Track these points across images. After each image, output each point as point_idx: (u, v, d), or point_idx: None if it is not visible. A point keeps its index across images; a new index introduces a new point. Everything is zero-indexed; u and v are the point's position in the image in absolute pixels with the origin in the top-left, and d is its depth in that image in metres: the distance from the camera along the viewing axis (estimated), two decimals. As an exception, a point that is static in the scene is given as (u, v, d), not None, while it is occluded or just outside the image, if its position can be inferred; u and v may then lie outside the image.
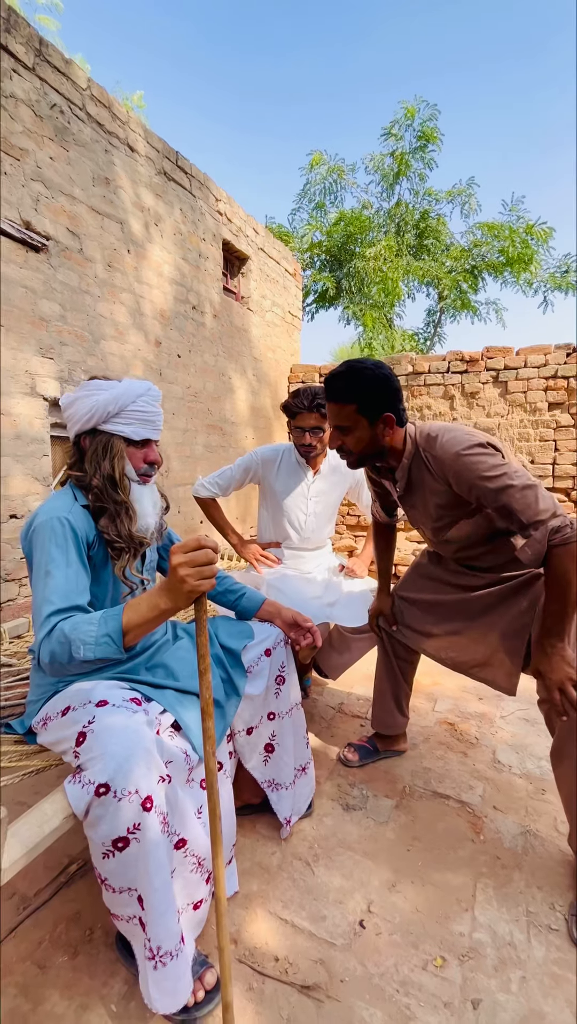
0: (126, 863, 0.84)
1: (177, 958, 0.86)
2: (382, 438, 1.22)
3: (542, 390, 3.61)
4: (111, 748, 0.84)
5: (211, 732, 0.80)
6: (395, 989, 0.98)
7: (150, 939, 0.85)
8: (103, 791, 0.82)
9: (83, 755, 0.86)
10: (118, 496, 1.05)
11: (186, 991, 0.88)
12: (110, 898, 0.88)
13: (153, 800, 0.84)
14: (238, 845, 1.30)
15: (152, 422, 1.09)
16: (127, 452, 1.08)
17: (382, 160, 8.59)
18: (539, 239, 8.02)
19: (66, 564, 0.96)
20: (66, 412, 1.08)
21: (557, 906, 1.16)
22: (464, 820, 1.43)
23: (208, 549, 0.80)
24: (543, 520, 1.08)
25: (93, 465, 1.05)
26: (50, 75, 2.29)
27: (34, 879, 1.21)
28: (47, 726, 1.01)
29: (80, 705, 0.97)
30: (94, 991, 0.97)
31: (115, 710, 0.93)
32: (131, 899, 0.86)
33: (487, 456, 1.12)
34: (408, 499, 1.34)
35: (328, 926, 1.11)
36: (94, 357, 2.64)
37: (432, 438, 1.20)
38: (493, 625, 1.33)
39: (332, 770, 1.64)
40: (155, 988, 0.85)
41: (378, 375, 1.17)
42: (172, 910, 0.86)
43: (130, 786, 0.82)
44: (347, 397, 1.17)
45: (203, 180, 3.47)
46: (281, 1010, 0.95)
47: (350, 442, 1.23)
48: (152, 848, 0.84)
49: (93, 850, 0.86)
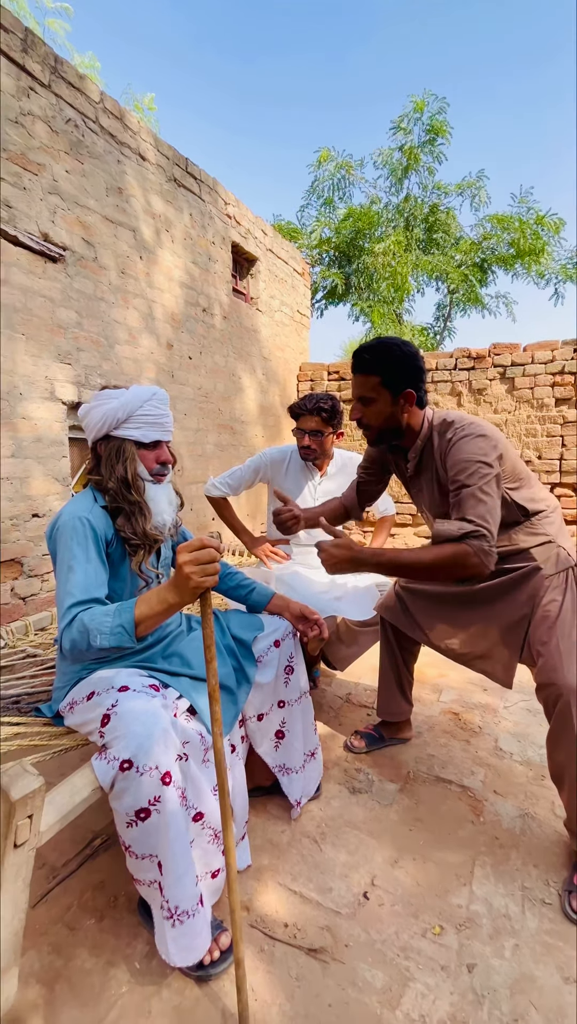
0: (147, 832, 0.93)
1: (193, 917, 0.95)
2: (401, 414, 1.28)
3: (549, 386, 3.62)
4: (133, 728, 0.93)
5: (218, 715, 0.88)
6: (396, 953, 1.06)
7: (168, 900, 0.94)
8: (127, 766, 0.91)
9: (108, 735, 0.96)
10: (132, 496, 1.13)
11: (202, 948, 0.97)
12: (133, 864, 0.97)
13: (172, 775, 0.93)
14: (250, 823, 1.39)
15: (161, 424, 1.16)
16: (139, 454, 1.16)
17: (391, 155, 8.57)
18: (550, 230, 7.94)
19: (86, 560, 1.05)
20: (83, 422, 1.18)
21: (552, 882, 1.23)
22: (465, 803, 1.50)
23: (211, 548, 0.88)
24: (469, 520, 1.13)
25: (108, 469, 1.14)
26: (65, 91, 2.38)
27: (62, 851, 1.31)
28: (74, 709, 1.10)
29: (104, 690, 1.06)
30: (119, 950, 1.06)
31: (135, 695, 1.02)
32: (152, 864, 0.95)
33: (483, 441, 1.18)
34: (416, 481, 1.40)
35: (334, 897, 1.19)
36: (109, 361, 2.73)
37: (448, 422, 1.26)
38: (493, 618, 1.39)
39: (340, 756, 1.71)
40: (172, 944, 0.94)
41: (405, 351, 1.23)
42: (190, 874, 0.95)
43: (151, 762, 0.91)
44: (373, 368, 1.24)
45: (212, 184, 3.54)
46: (290, 970, 1.03)
47: (370, 414, 1.28)
48: (171, 818, 0.92)
49: (118, 820, 0.95)
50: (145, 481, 1.17)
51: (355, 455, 2.09)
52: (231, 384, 3.90)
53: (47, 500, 2.40)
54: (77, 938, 1.09)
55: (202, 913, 0.97)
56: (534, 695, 2.09)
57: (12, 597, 2.28)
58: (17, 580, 2.30)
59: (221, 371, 3.76)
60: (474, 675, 2.30)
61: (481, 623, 1.42)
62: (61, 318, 2.43)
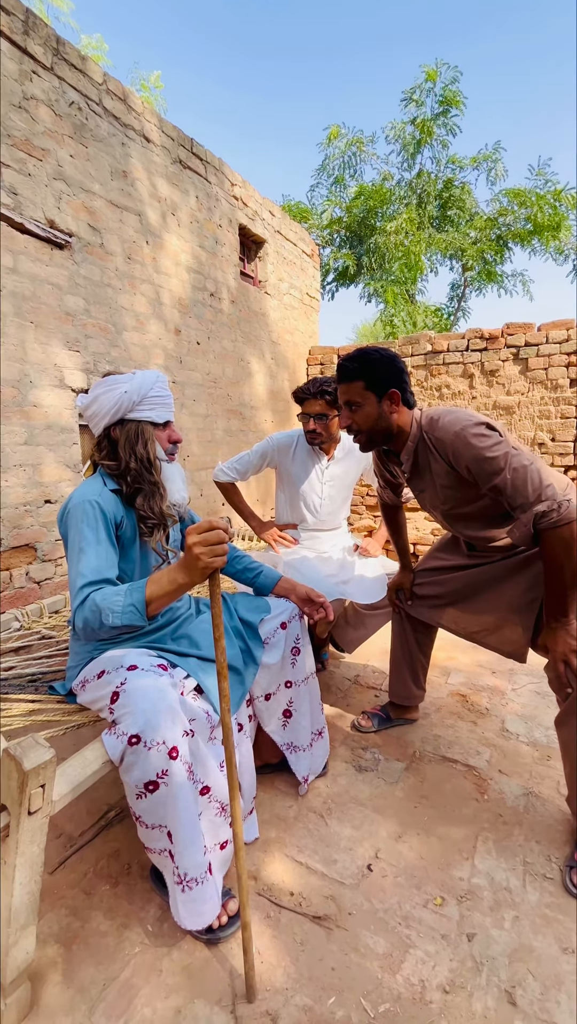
0: (156, 803, 0.97)
1: (203, 884, 1.00)
2: (389, 415, 1.29)
3: (564, 366, 3.54)
4: (141, 705, 0.96)
5: (226, 692, 0.91)
6: (397, 922, 1.10)
7: (178, 867, 0.98)
8: (135, 741, 0.94)
9: (117, 711, 0.99)
10: (152, 477, 1.17)
11: (211, 913, 1.01)
12: (144, 833, 1.02)
13: (179, 750, 0.97)
14: (258, 799, 1.43)
15: (168, 404, 1.21)
16: (155, 435, 1.20)
17: (403, 128, 8.30)
18: (569, 204, 7.66)
19: (96, 542, 1.08)
20: (89, 410, 1.19)
21: (553, 858, 1.25)
22: (470, 782, 1.52)
23: (220, 530, 0.90)
24: (530, 503, 1.13)
25: (127, 451, 1.16)
26: (67, 73, 2.36)
27: (79, 822, 1.36)
28: (85, 687, 1.14)
29: (113, 669, 1.09)
30: (132, 914, 1.12)
31: (144, 673, 1.05)
32: (161, 834, 1.00)
33: (484, 436, 1.17)
34: (416, 483, 1.40)
35: (339, 868, 1.22)
36: (117, 348, 2.74)
37: (434, 420, 1.27)
38: (502, 597, 1.40)
39: (347, 735, 1.75)
40: (184, 908, 0.99)
41: (384, 355, 1.27)
42: (198, 843, 0.99)
43: (158, 737, 0.95)
44: (355, 374, 1.28)
45: (218, 165, 3.48)
46: (295, 935, 1.07)
47: (359, 419, 1.30)
48: (178, 791, 0.96)
49: (128, 792, 0.99)
50: (161, 461, 1.21)
51: None
52: (240, 369, 3.89)
53: (59, 486, 2.45)
54: (93, 902, 1.15)
55: (211, 881, 1.01)
56: (542, 679, 2.10)
57: (27, 581, 2.34)
58: (32, 565, 2.36)
59: (230, 356, 3.75)
60: (483, 658, 2.31)
61: (490, 601, 1.43)
62: (69, 305, 2.44)
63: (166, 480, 1.20)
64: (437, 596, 1.57)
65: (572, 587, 1.17)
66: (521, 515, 1.14)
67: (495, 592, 1.41)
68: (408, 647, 1.71)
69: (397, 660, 1.75)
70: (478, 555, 1.47)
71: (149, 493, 1.17)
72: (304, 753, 1.44)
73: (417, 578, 1.63)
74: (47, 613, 1.73)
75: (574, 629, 1.20)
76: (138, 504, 1.16)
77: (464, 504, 1.33)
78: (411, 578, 1.64)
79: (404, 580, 1.65)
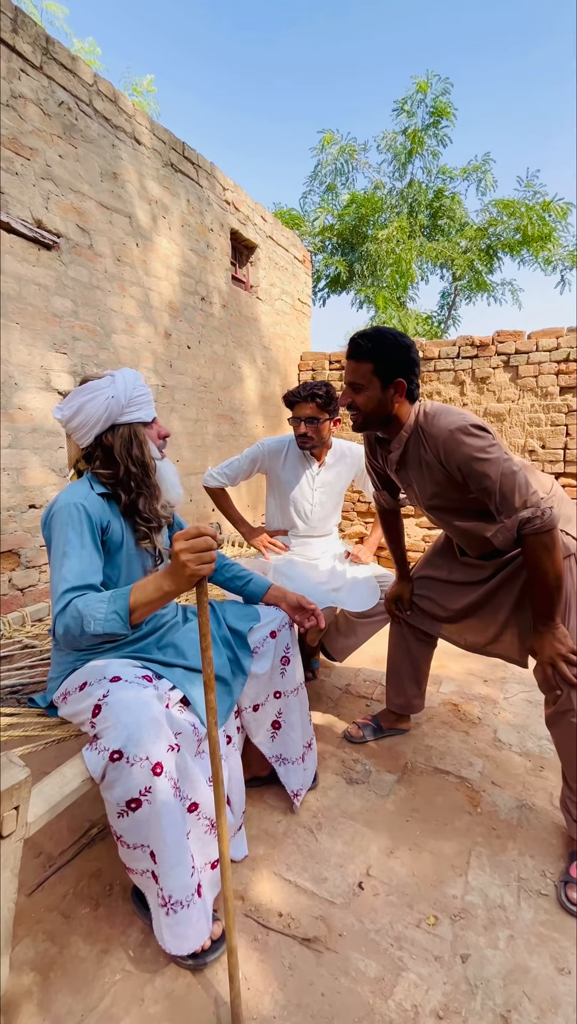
0: (139, 822, 0.92)
1: (189, 908, 0.95)
2: (391, 404, 1.27)
3: (554, 374, 3.56)
4: (123, 719, 0.92)
5: (212, 704, 0.87)
6: (389, 943, 1.06)
7: (162, 888, 0.94)
8: (116, 756, 0.90)
9: (98, 725, 0.95)
10: (151, 480, 1.15)
11: (197, 938, 0.97)
12: (126, 854, 0.97)
13: (163, 766, 0.92)
14: (247, 813, 1.39)
15: (150, 401, 1.18)
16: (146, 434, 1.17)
17: (394, 138, 8.39)
18: (557, 216, 7.78)
19: (81, 547, 1.04)
20: (75, 421, 1.12)
21: (548, 873, 1.22)
22: (463, 794, 1.49)
23: (207, 536, 0.87)
24: (516, 509, 1.13)
25: (124, 457, 1.12)
26: (57, 73, 2.33)
27: (59, 840, 1.31)
28: (66, 700, 1.09)
29: (96, 681, 1.05)
30: (113, 938, 1.07)
31: (127, 685, 1.01)
32: (144, 855, 0.95)
33: (479, 437, 1.16)
34: (404, 475, 1.38)
35: (329, 887, 1.18)
36: (106, 351, 2.70)
37: (430, 415, 1.26)
38: (499, 606, 1.39)
39: (338, 746, 1.71)
40: (168, 932, 0.95)
41: (400, 342, 1.23)
42: (185, 864, 0.95)
43: (141, 752, 0.90)
44: (366, 355, 1.24)
45: (210, 169, 3.47)
46: (283, 959, 1.03)
47: (360, 400, 1.28)
48: (163, 808, 0.92)
49: (109, 810, 0.94)
50: (156, 460, 1.18)
51: (355, 445, 2.07)
52: (231, 373, 3.86)
53: (44, 491, 2.39)
54: (72, 926, 1.10)
55: (198, 904, 0.97)
56: (534, 687, 2.09)
57: (10, 588, 2.28)
58: (15, 571, 2.30)
59: (220, 360, 3.73)
60: (474, 666, 2.29)
61: (490, 612, 1.41)
62: (56, 307, 2.40)
63: (160, 479, 1.18)
64: (434, 605, 1.55)
65: (556, 591, 1.17)
66: (506, 520, 1.14)
67: (491, 605, 1.41)
68: (410, 655, 1.67)
69: (397, 669, 1.70)
70: (472, 567, 1.45)
71: (149, 496, 1.15)
72: (294, 766, 1.40)
73: (416, 588, 1.60)
74: (30, 621, 1.68)
75: (561, 633, 1.20)
76: (141, 507, 1.14)
77: (448, 500, 1.31)
78: (410, 588, 1.61)
79: (403, 591, 1.62)
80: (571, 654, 1.17)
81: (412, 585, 1.62)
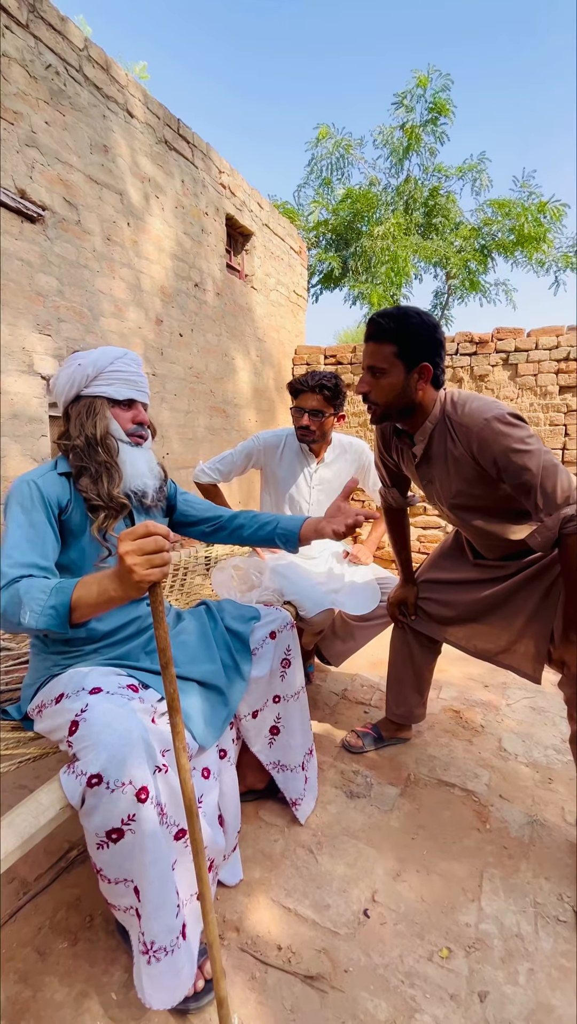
0: (121, 854, 0.81)
1: (173, 954, 0.84)
2: (414, 391, 1.15)
3: (553, 373, 3.51)
4: (104, 738, 0.81)
5: (179, 728, 0.77)
6: (400, 980, 0.97)
7: (144, 933, 0.83)
8: (95, 782, 0.79)
9: (76, 744, 0.83)
10: (100, 456, 1.04)
11: (183, 987, 0.86)
12: (107, 888, 0.86)
13: (148, 791, 0.81)
14: (242, 832, 1.28)
15: (134, 382, 1.09)
16: (112, 412, 1.07)
17: (392, 133, 8.29)
18: (552, 217, 7.78)
19: (29, 524, 0.95)
20: (56, 391, 1.09)
21: (565, 897, 1.14)
22: (470, 809, 1.40)
23: (157, 536, 0.73)
24: (558, 506, 1.04)
25: (77, 427, 1.05)
26: (44, 33, 2.18)
27: (35, 864, 1.19)
28: (42, 713, 0.98)
29: (74, 692, 0.93)
30: (94, 979, 0.96)
31: (109, 698, 0.89)
32: (127, 890, 0.84)
33: (517, 428, 1.06)
34: (426, 471, 1.27)
35: (332, 915, 1.09)
36: (93, 334, 2.56)
37: (460, 403, 1.14)
38: (516, 611, 1.30)
39: (336, 756, 1.61)
40: (148, 982, 0.83)
41: (426, 321, 1.12)
42: (169, 904, 0.84)
43: (124, 777, 0.79)
44: (388, 336, 1.11)
45: (205, 150, 3.33)
46: (284, 1000, 0.93)
47: (380, 388, 1.15)
48: (148, 840, 0.81)
49: (88, 840, 0.83)
50: (120, 442, 1.07)
51: (355, 440, 1.97)
52: (224, 364, 3.73)
53: (26, 481, 2.25)
54: (47, 965, 0.98)
55: (183, 947, 0.86)
56: (536, 693, 2.02)
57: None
58: (-7, 566, 2.15)
59: (213, 350, 3.60)
60: (474, 670, 2.22)
61: (504, 618, 1.32)
62: (40, 285, 2.26)
63: (124, 463, 1.06)
64: (442, 609, 1.45)
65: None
66: (546, 518, 1.04)
67: (507, 608, 1.31)
68: (413, 662, 1.58)
69: (398, 676, 1.62)
70: (486, 567, 1.36)
71: (95, 474, 1.03)
72: (294, 774, 1.31)
73: (421, 591, 1.51)
74: (5, 621, 1.54)
75: None
76: (82, 484, 1.02)
77: (475, 498, 1.20)
78: (415, 592, 1.52)
79: (407, 594, 1.53)
80: None
81: (417, 589, 1.52)
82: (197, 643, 1.17)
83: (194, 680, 1.09)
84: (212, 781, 1.03)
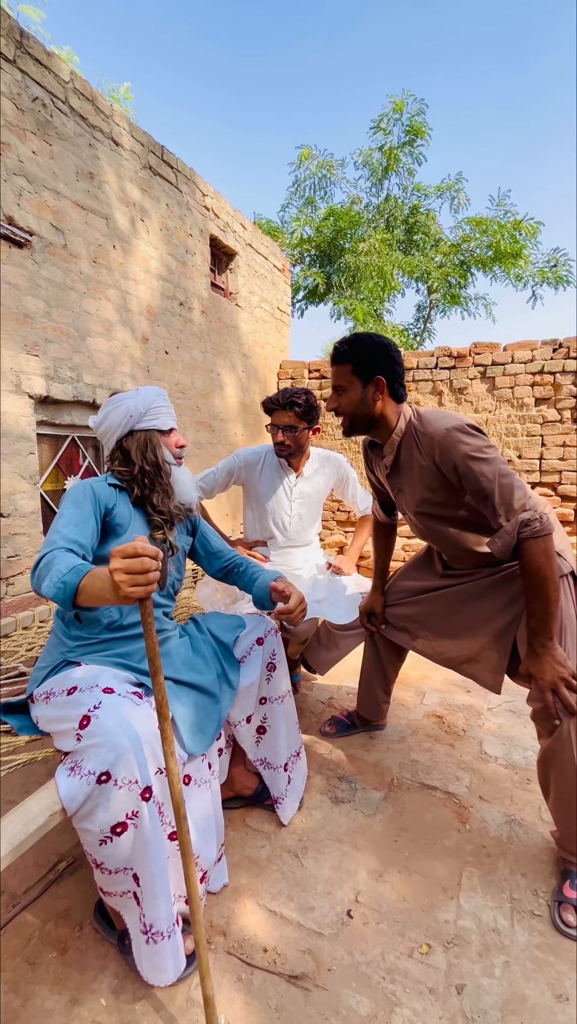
0: (123, 846, 0.87)
1: (169, 939, 0.90)
2: (373, 403, 1.26)
3: (529, 385, 3.64)
4: (115, 738, 0.86)
5: (168, 733, 0.83)
6: (381, 976, 1.00)
7: (145, 915, 0.89)
8: (105, 779, 0.84)
9: (85, 739, 0.88)
10: (163, 480, 1.23)
11: (173, 970, 0.92)
12: (104, 879, 0.90)
13: (152, 790, 0.87)
14: (228, 838, 1.31)
15: (170, 413, 1.28)
16: (162, 441, 1.25)
17: (371, 155, 8.57)
18: (527, 234, 8.05)
19: (78, 512, 1.09)
20: (102, 427, 1.25)
21: (540, 892, 1.19)
22: (450, 810, 1.45)
23: (145, 558, 0.76)
24: (515, 511, 1.10)
25: (139, 457, 1.22)
26: (32, 68, 2.26)
27: (24, 876, 1.21)
28: (50, 700, 1.02)
29: (87, 688, 0.98)
30: (84, 985, 0.98)
31: (120, 700, 0.95)
32: (127, 877, 0.90)
33: (475, 438, 1.14)
34: (396, 480, 1.35)
35: (316, 916, 1.12)
36: (80, 354, 2.62)
37: (424, 416, 1.25)
38: (479, 620, 1.34)
39: (323, 764, 1.65)
40: (147, 962, 0.91)
41: (377, 341, 1.25)
42: (167, 893, 0.89)
43: (131, 775, 0.85)
44: (345, 357, 1.26)
45: (189, 175, 3.44)
46: (269, 1000, 0.96)
47: (343, 402, 1.28)
48: (150, 834, 0.87)
49: (88, 840, 0.87)
50: (171, 465, 1.26)
51: (333, 454, 2.03)
52: (209, 380, 3.81)
53: (13, 499, 2.28)
54: (38, 974, 1.00)
55: (177, 935, 0.92)
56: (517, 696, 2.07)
57: (-25, 601, 2.15)
58: (-19, 583, 2.17)
59: (199, 367, 3.67)
60: (455, 676, 2.27)
61: (466, 625, 1.37)
62: (28, 307, 2.31)
63: (175, 482, 1.26)
64: (410, 618, 1.51)
65: (555, 603, 1.11)
66: (505, 523, 1.11)
67: (470, 612, 1.35)
68: (380, 667, 1.68)
69: (368, 679, 1.73)
70: (453, 575, 1.42)
71: (162, 494, 1.23)
72: (277, 772, 1.35)
73: (389, 598, 1.57)
74: (-5, 637, 1.57)
75: (560, 655, 1.11)
76: (154, 502, 1.22)
77: (438, 506, 1.28)
78: (383, 601, 1.59)
79: (376, 603, 1.59)
80: (572, 678, 1.10)
81: (384, 598, 1.59)
82: (190, 656, 1.23)
83: (187, 684, 1.14)
84: (192, 788, 1.07)
